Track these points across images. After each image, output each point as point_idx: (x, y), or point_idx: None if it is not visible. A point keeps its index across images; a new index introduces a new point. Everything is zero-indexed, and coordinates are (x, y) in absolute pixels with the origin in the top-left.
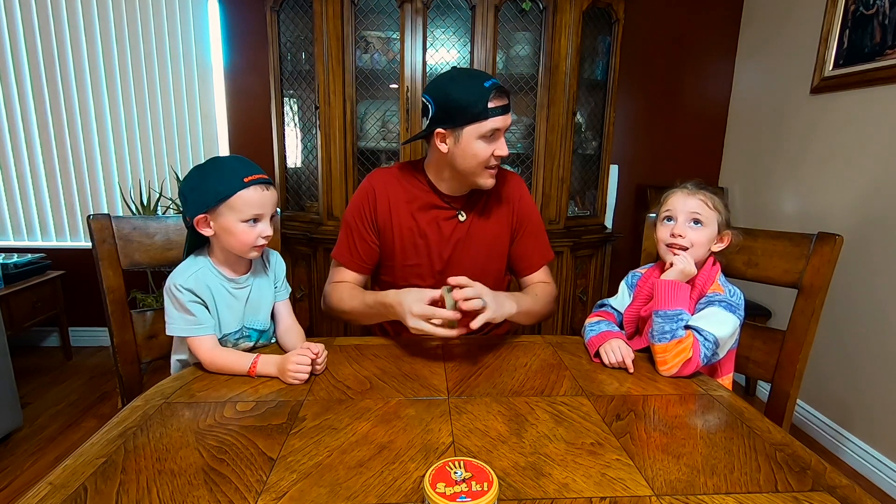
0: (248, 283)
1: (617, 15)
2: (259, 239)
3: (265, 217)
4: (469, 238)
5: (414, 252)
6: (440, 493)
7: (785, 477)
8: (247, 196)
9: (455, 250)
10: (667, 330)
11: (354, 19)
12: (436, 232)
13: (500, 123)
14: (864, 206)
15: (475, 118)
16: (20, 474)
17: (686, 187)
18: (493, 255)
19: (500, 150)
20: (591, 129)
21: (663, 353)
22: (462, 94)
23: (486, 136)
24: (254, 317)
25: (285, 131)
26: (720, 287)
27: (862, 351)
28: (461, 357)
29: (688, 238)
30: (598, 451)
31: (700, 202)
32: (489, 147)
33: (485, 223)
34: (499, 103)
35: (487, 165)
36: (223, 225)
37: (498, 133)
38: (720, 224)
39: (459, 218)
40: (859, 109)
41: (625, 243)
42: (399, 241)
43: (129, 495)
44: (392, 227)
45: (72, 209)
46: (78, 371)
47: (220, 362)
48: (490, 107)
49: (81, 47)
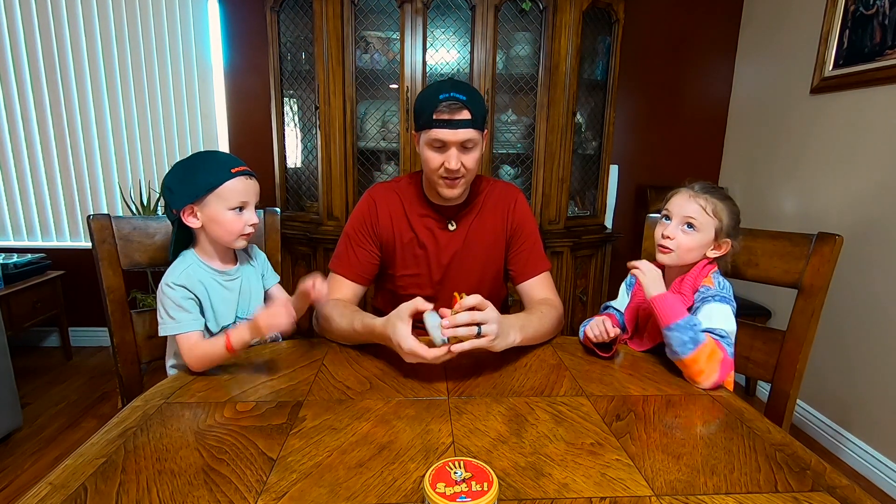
0: (238, 274)
1: (617, 15)
2: (246, 227)
3: (250, 205)
4: (465, 248)
5: (413, 262)
6: (440, 493)
7: (785, 477)
8: (234, 185)
9: (452, 260)
10: (686, 340)
11: (354, 19)
12: (433, 242)
13: (446, 136)
14: (864, 206)
15: (423, 126)
16: (20, 474)
17: (692, 189)
18: (489, 265)
19: (449, 163)
20: (591, 129)
21: (696, 364)
22: (420, 99)
23: (433, 145)
24: (247, 307)
25: (285, 131)
26: (711, 281)
27: (862, 351)
28: (461, 357)
29: (676, 241)
30: (598, 451)
31: (699, 208)
32: (437, 157)
33: (479, 233)
34: (445, 116)
35: (441, 175)
36: (210, 215)
37: (446, 146)
38: (718, 231)
39: (449, 227)
40: (859, 109)
41: (625, 243)
42: (400, 251)
43: (129, 495)
44: (394, 237)
45: (72, 209)
46: (78, 371)
47: (198, 352)
48: (434, 118)
49: (81, 47)
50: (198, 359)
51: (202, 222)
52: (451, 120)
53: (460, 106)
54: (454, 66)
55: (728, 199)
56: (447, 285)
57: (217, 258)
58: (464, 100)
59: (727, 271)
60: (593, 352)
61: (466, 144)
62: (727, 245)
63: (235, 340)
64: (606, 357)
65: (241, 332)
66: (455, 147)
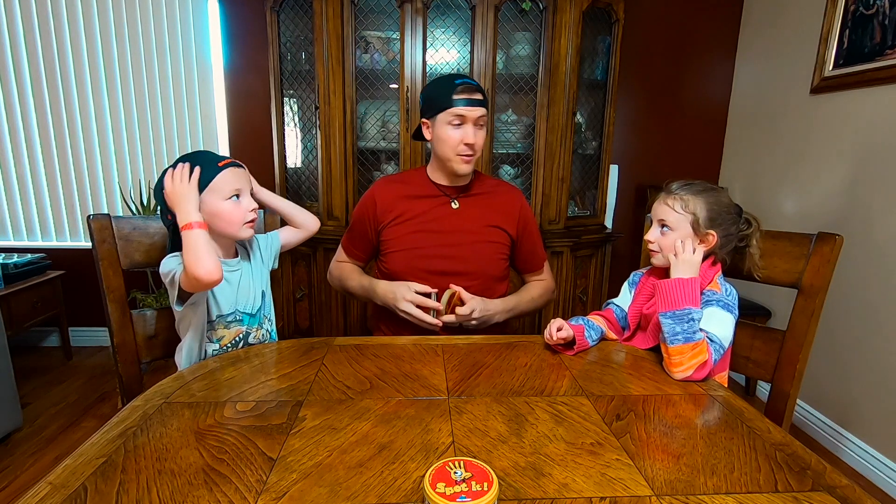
0: (238, 266)
1: (617, 15)
2: (247, 214)
3: (245, 192)
4: (466, 224)
5: (418, 236)
6: (440, 493)
7: (785, 477)
8: (224, 176)
9: (454, 233)
10: (678, 331)
11: (354, 19)
12: (433, 217)
13: (465, 112)
14: (864, 206)
15: (443, 107)
16: (20, 474)
17: (668, 190)
18: (488, 241)
19: (467, 137)
20: (591, 129)
21: (679, 356)
22: (436, 87)
23: (452, 122)
24: (245, 300)
25: (285, 131)
26: (717, 285)
27: (862, 351)
28: (461, 357)
29: (656, 243)
30: (598, 451)
31: (667, 208)
32: (457, 132)
33: (480, 210)
34: (464, 95)
35: (458, 152)
36: (209, 210)
37: (464, 120)
38: (694, 225)
39: (453, 205)
40: (859, 109)
41: (625, 243)
42: (404, 228)
43: (129, 495)
44: (396, 219)
45: (72, 209)
46: (78, 371)
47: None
48: (454, 97)
49: (81, 47)
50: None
51: (204, 220)
52: (471, 98)
53: (475, 88)
54: (454, 66)
55: (706, 191)
56: (450, 258)
57: (219, 251)
58: (476, 84)
59: (754, 264)
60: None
61: (479, 122)
62: (712, 237)
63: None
64: (570, 353)
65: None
66: (471, 123)
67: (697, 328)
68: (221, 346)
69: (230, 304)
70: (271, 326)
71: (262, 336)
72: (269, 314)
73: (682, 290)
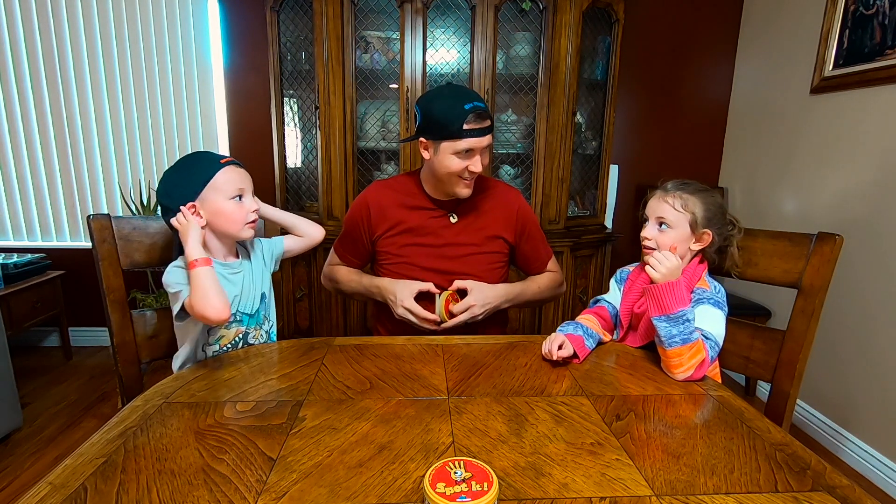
0: (240, 268)
1: (617, 15)
2: (249, 214)
3: (247, 192)
4: (466, 238)
5: (411, 249)
6: (440, 493)
7: (785, 477)
8: (227, 174)
9: (454, 249)
10: (674, 334)
11: (354, 19)
12: (430, 231)
13: (475, 144)
14: (865, 206)
15: (451, 136)
16: (20, 474)
17: (664, 188)
18: (487, 255)
19: (474, 166)
20: (591, 129)
21: (678, 357)
22: (442, 111)
23: (459, 153)
24: (245, 302)
25: (285, 131)
26: (706, 283)
27: (862, 351)
28: (461, 357)
29: (653, 241)
30: (598, 451)
31: (666, 206)
32: (463, 162)
33: (477, 222)
34: (475, 126)
35: (461, 177)
36: (212, 208)
37: (473, 152)
38: (693, 224)
39: (451, 219)
40: (859, 109)
41: (625, 243)
42: (400, 239)
43: (129, 495)
44: (391, 229)
45: (72, 209)
46: (78, 371)
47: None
48: (465, 128)
49: (81, 47)
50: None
51: (206, 219)
52: (481, 128)
53: (485, 115)
54: (454, 66)
55: (702, 191)
56: (445, 270)
57: (220, 253)
58: (484, 108)
59: (734, 264)
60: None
61: (486, 148)
62: (708, 236)
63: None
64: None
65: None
66: (478, 152)
67: (693, 328)
68: (221, 346)
69: (232, 306)
70: (271, 327)
71: (261, 336)
72: (269, 314)
73: (671, 294)
